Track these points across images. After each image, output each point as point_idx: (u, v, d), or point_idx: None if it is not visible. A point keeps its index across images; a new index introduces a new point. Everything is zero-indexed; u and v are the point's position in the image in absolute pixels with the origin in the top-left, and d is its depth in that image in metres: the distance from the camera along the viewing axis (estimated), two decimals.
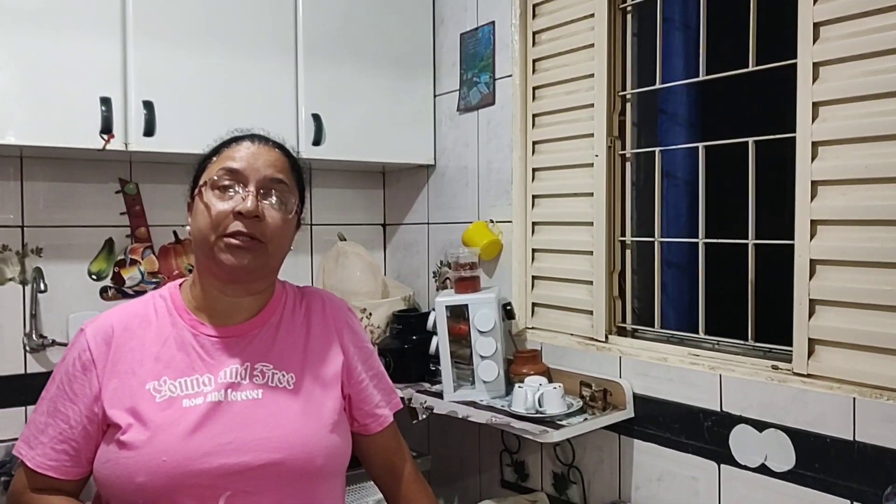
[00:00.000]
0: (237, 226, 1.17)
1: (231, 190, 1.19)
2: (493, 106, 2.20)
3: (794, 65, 1.51)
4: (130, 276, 2.17)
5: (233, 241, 1.17)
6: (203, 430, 1.14)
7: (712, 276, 1.77)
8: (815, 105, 1.47)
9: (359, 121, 2.27)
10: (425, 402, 1.97)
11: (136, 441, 1.13)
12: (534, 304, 2.11)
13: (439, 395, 1.99)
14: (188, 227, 1.25)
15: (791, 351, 1.52)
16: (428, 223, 2.50)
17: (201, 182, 1.22)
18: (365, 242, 2.61)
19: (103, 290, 2.16)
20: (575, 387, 1.86)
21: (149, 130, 1.90)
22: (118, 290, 2.17)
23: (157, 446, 1.12)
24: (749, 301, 1.65)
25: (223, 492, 1.13)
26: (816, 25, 1.46)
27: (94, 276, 2.15)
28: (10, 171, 2.04)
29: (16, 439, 1.96)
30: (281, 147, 1.29)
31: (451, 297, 1.97)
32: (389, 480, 1.41)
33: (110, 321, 1.23)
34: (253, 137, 1.27)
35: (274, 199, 1.22)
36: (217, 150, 1.26)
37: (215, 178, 1.20)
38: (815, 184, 1.48)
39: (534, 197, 2.10)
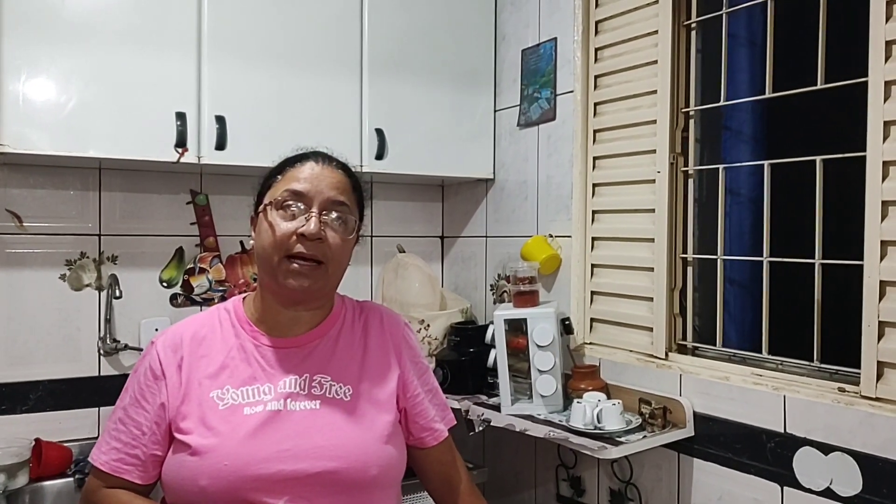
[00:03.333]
0: (299, 247, 1.21)
1: (294, 210, 1.23)
2: (553, 121, 2.22)
3: (865, 83, 1.49)
4: (199, 283, 2.25)
5: (294, 265, 1.22)
6: (262, 436, 1.19)
7: (775, 295, 1.74)
8: (887, 124, 1.45)
9: (420, 135, 2.32)
10: (482, 414, 1.98)
11: (201, 446, 1.18)
12: (592, 320, 2.11)
13: (496, 407, 2.00)
14: (252, 241, 1.30)
15: (858, 373, 1.49)
16: (486, 236, 2.52)
17: (266, 201, 1.26)
18: (423, 254, 2.65)
19: (173, 298, 2.24)
20: (634, 404, 1.86)
21: (220, 144, 1.97)
22: (187, 298, 2.25)
23: (220, 451, 1.17)
24: (815, 321, 1.62)
25: (281, 496, 1.17)
26: (889, 44, 1.45)
27: (164, 284, 2.24)
28: (89, 182, 2.14)
29: (90, 438, 2.07)
30: (344, 167, 1.32)
31: (510, 311, 1.99)
32: (446, 494, 1.43)
33: (179, 333, 1.29)
34: (317, 157, 1.30)
35: (335, 221, 1.25)
36: (281, 169, 1.30)
37: (279, 198, 1.24)
38: (885, 204, 1.45)
39: (594, 212, 2.11)
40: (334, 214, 1.25)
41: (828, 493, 1.50)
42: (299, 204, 1.23)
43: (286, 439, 1.19)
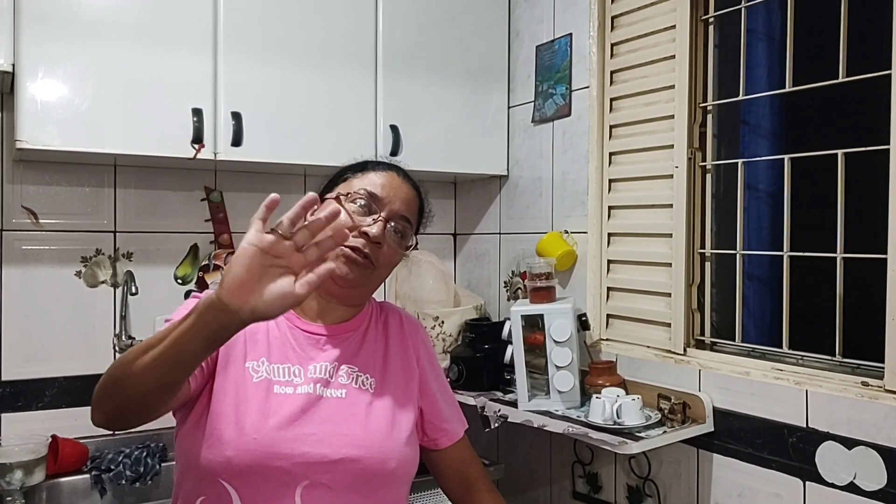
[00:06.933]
0: (358, 242, 1.24)
1: (364, 209, 1.27)
2: (568, 117, 2.21)
3: (888, 76, 1.48)
4: (213, 280, 2.24)
5: (351, 253, 1.23)
6: (291, 418, 1.19)
7: (795, 290, 1.73)
8: None
9: (434, 132, 2.31)
10: (499, 410, 1.98)
11: (231, 414, 1.17)
12: (608, 316, 2.11)
13: (512, 403, 2.00)
14: None
15: (882, 367, 1.48)
16: (500, 233, 2.52)
17: (343, 192, 1.29)
18: (436, 252, 2.64)
19: (188, 294, 2.23)
20: (652, 399, 1.85)
21: (236, 140, 1.96)
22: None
23: (250, 425, 1.17)
24: (837, 316, 1.61)
25: (301, 480, 1.17)
26: None
27: (179, 281, 2.24)
28: (104, 178, 2.14)
29: (106, 435, 2.07)
30: (417, 188, 1.37)
31: (526, 307, 1.98)
32: (463, 492, 1.44)
33: None
34: (399, 171, 1.35)
35: (396, 233, 1.29)
36: (362, 168, 1.34)
37: (355, 193, 1.28)
38: None
39: (610, 208, 2.10)
40: (398, 226, 1.29)
41: (851, 487, 1.50)
42: (372, 205, 1.27)
43: (312, 423, 1.20)
